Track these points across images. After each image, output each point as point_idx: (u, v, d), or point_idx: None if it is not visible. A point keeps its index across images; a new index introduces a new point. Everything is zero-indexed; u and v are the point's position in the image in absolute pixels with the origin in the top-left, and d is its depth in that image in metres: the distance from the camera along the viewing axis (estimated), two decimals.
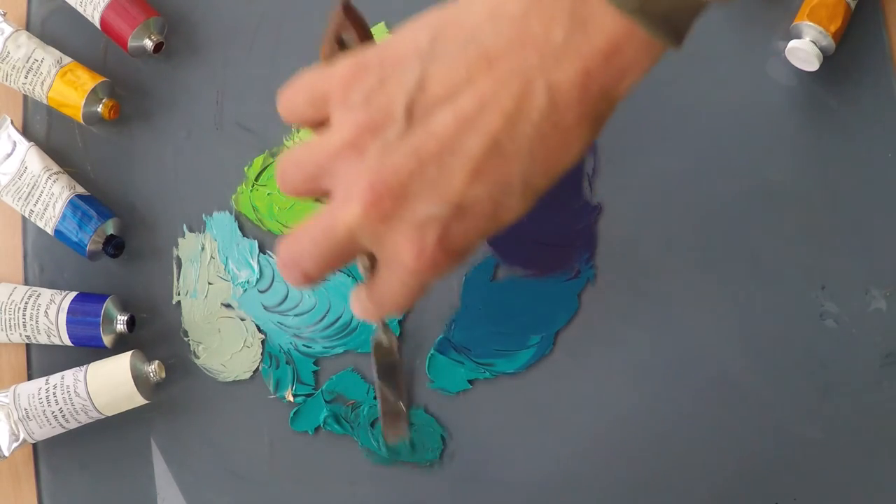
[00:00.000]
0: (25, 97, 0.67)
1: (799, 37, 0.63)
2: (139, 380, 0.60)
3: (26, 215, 0.64)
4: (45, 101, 0.65)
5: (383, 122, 0.37)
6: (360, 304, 0.42)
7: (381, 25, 0.66)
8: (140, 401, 0.60)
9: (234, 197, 0.65)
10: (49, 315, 0.62)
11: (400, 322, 0.63)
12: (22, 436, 0.60)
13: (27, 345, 0.65)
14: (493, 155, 0.37)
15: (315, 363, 0.63)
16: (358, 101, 0.38)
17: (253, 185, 0.65)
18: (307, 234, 0.39)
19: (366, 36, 0.45)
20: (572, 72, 0.36)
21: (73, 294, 0.62)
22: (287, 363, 0.63)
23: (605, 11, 0.36)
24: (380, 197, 0.37)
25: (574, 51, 0.36)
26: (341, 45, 0.45)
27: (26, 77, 0.64)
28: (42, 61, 0.64)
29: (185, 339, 0.64)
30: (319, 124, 0.40)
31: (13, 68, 0.64)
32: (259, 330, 0.64)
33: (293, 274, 0.40)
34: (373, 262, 0.44)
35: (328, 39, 0.45)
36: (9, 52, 0.64)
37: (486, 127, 0.36)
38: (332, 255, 0.39)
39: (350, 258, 0.40)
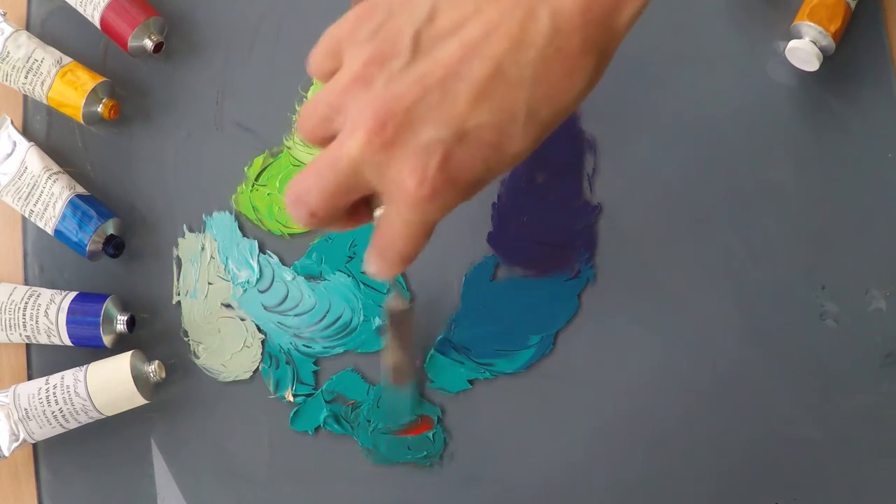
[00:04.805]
0: (25, 97, 0.67)
1: (799, 37, 0.63)
2: (139, 380, 0.60)
3: (26, 215, 0.64)
4: (45, 101, 0.65)
5: (389, 53, 0.37)
6: (368, 259, 0.41)
7: None
8: (140, 401, 0.60)
9: (234, 197, 0.65)
10: (49, 315, 0.62)
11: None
12: (22, 436, 0.60)
13: (27, 345, 0.65)
14: (497, 79, 0.37)
15: (315, 363, 0.63)
16: (365, 36, 0.38)
17: (253, 185, 0.65)
18: (312, 169, 0.39)
19: None
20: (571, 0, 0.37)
21: (73, 294, 0.62)
22: (287, 363, 0.63)
23: None
24: (382, 124, 0.37)
25: None
26: None
27: (26, 77, 0.64)
28: (42, 61, 0.64)
29: (185, 339, 0.64)
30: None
31: (13, 68, 0.64)
32: (259, 330, 0.64)
33: (299, 211, 0.40)
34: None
35: None
36: (9, 52, 0.64)
37: (490, 51, 0.37)
38: (336, 189, 0.39)
39: (355, 194, 0.40)
